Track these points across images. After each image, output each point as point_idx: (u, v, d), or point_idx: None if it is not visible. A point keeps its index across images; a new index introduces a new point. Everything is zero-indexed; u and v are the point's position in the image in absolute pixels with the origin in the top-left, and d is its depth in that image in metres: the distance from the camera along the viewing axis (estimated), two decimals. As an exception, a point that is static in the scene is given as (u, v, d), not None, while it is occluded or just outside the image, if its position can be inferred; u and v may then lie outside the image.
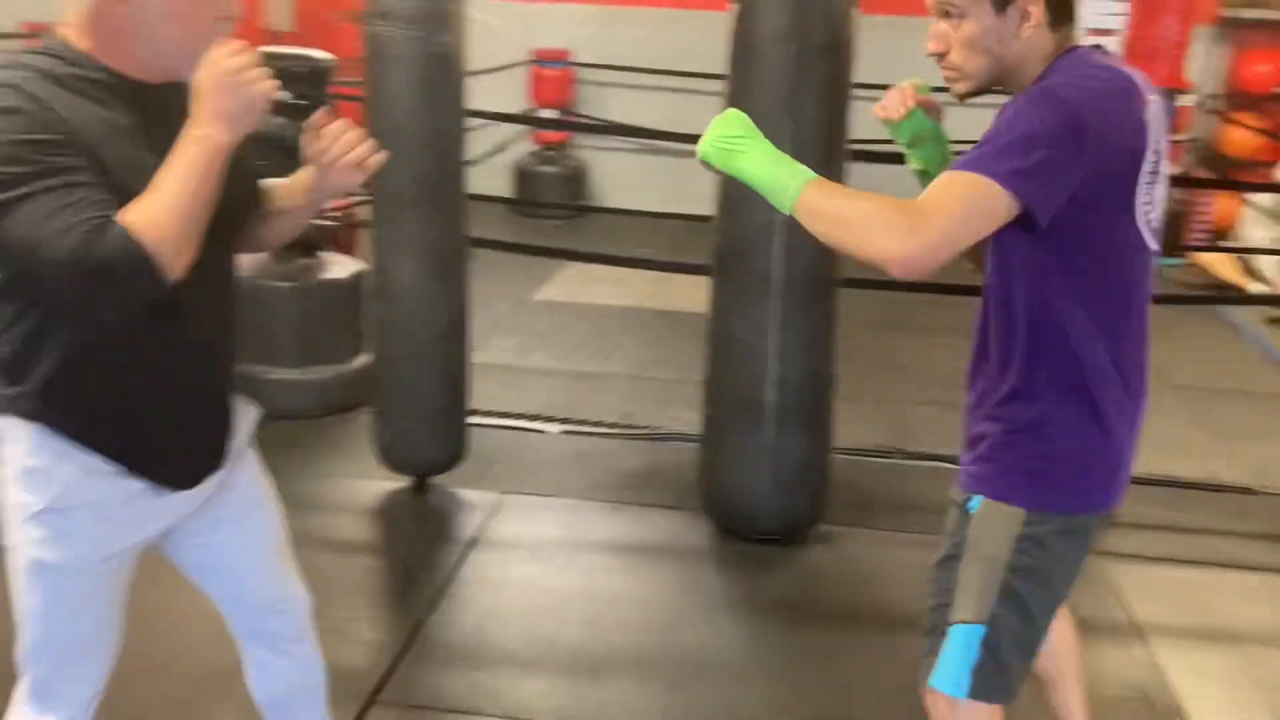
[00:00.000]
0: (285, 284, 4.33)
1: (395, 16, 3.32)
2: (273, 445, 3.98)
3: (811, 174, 1.70)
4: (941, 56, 1.83)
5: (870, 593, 3.31)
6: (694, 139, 1.80)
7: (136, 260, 1.46)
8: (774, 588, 3.32)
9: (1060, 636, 2.23)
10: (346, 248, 5.29)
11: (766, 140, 1.73)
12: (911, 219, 1.61)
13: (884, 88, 2.03)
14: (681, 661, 2.91)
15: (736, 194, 3.33)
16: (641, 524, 3.66)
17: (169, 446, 1.74)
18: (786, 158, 1.72)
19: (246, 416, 1.94)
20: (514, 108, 8.70)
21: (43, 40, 1.62)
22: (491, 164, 8.65)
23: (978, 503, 1.86)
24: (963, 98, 1.88)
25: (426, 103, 3.39)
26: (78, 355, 1.63)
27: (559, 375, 5.05)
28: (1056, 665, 2.26)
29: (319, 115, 1.79)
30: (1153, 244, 1.81)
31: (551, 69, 8.60)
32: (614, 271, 6.04)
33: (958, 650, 1.87)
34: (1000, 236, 1.71)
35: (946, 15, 1.80)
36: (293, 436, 4.21)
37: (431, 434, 3.69)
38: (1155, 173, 1.78)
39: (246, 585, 1.98)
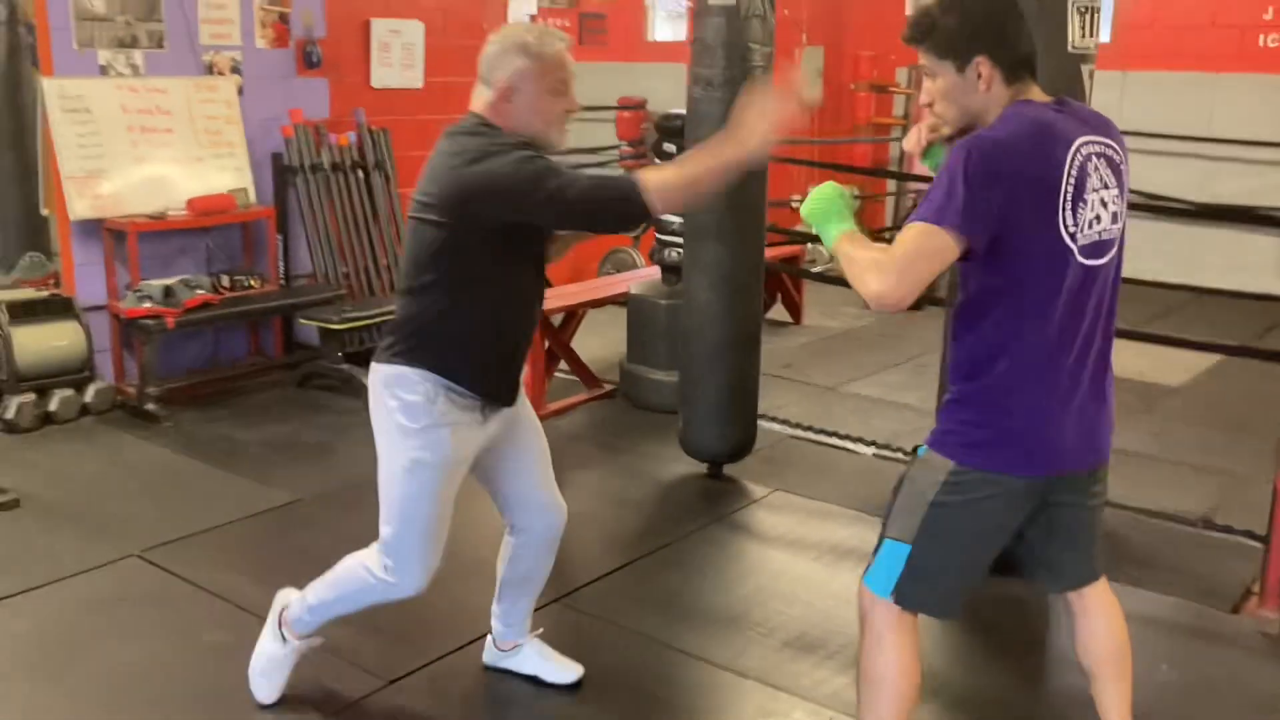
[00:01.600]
0: (663, 301, 5.26)
1: (705, 81, 4.11)
2: (626, 428, 5.05)
3: (846, 227, 2.21)
4: (931, 106, 2.27)
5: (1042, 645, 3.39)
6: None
7: (634, 197, 2.32)
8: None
9: (1098, 635, 2.46)
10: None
11: (835, 216, 2.23)
12: (882, 265, 2.09)
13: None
14: (838, 648, 3.28)
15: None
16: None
17: (498, 381, 2.58)
18: (840, 215, 2.23)
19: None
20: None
21: (470, 116, 2.50)
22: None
23: (924, 450, 2.30)
24: (949, 140, 2.30)
25: (724, 151, 4.11)
26: (471, 302, 2.47)
27: (912, 410, 5.39)
28: (1092, 659, 2.48)
29: None
30: (1088, 258, 2.14)
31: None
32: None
33: (886, 559, 2.30)
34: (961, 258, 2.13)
35: (930, 75, 2.26)
36: (647, 424, 5.13)
37: (715, 428, 4.37)
38: (1081, 199, 2.11)
39: (528, 488, 2.77)
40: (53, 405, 4.90)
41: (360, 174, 6.18)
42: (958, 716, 2.93)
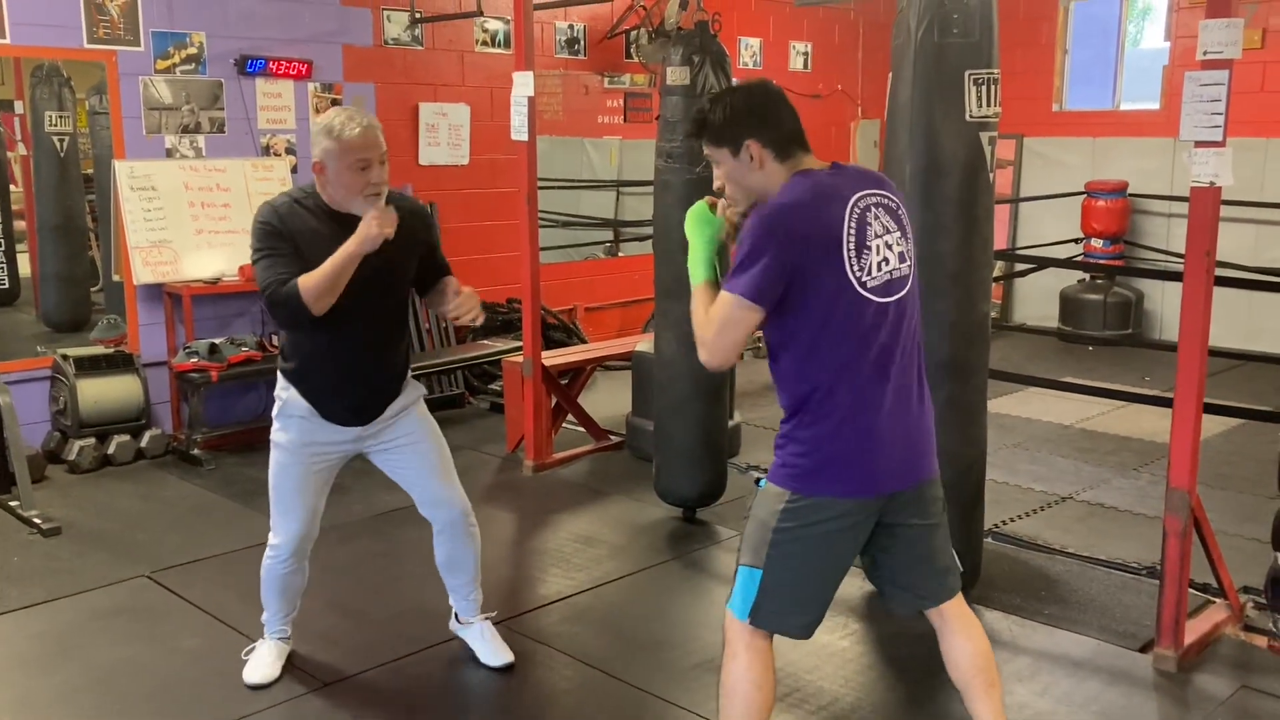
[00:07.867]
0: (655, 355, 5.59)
1: (666, 154, 4.49)
2: (621, 477, 5.37)
3: (702, 278, 2.55)
4: (723, 189, 2.62)
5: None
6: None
7: (295, 301, 2.95)
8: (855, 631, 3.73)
9: (960, 650, 2.65)
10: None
11: (700, 236, 2.60)
12: (702, 340, 2.47)
13: None
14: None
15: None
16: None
17: (330, 400, 3.18)
18: (700, 255, 2.58)
19: (410, 392, 3.33)
20: (1066, 235, 9.04)
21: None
22: (1044, 290, 9.13)
23: (764, 483, 2.57)
24: (742, 216, 2.59)
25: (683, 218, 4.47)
26: (298, 345, 3.17)
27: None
28: (959, 674, 2.68)
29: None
30: (882, 296, 2.43)
31: (1105, 200, 8.74)
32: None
33: (742, 585, 2.55)
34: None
35: (715, 163, 2.58)
36: (643, 472, 5.42)
37: (685, 474, 4.66)
38: (864, 245, 2.41)
39: (417, 487, 3.39)
40: (111, 449, 5.50)
41: (405, 243, 6.72)
42: (832, 734, 3.15)
